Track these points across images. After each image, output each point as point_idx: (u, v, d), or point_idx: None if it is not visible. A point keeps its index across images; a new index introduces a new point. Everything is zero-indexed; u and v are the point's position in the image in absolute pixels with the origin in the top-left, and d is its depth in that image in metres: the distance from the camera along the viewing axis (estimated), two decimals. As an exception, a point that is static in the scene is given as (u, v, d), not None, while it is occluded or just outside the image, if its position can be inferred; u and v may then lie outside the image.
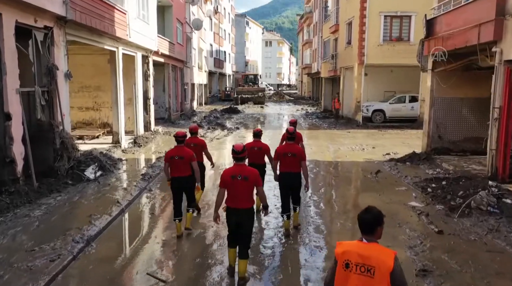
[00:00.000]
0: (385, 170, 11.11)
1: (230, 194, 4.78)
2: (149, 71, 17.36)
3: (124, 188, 8.80)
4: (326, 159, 13.23)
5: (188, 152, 6.25)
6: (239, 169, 4.78)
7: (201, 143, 7.50)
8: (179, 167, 6.16)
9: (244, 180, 4.70)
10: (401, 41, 20.88)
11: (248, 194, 4.79)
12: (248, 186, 4.75)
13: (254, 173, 4.80)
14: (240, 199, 4.74)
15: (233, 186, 4.72)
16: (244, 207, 4.77)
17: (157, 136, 16.69)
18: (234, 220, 4.80)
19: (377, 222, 2.83)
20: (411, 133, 19.16)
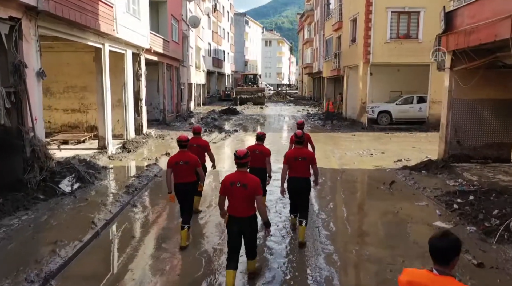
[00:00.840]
0: (399, 180, 9.95)
1: (230, 201, 4.64)
2: (141, 70, 16.20)
3: (103, 203, 7.63)
4: (332, 166, 12.07)
5: (193, 157, 6.11)
6: (240, 175, 4.59)
7: (204, 144, 7.37)
8: (184, 172, 5.99)
9: (243, 188, 4.49)
10: (409, 38, 19.72)
11: (248, 202, 4.55)
12: (247, 194, 4.51)
13: (254, 181, 4.55)
14: (240, 207, 4.56)
15: (232, 193, 4.55)
16: (244, 215, 4.57)
17: (149, 140, 15.53)
18: (235, 228, 4.61)
19: (454, 251, 2.41)
20: (420, 136, 18.01)
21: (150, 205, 8.19)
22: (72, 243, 5.78)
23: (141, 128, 16.35)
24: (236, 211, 4.59)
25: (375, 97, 21.82)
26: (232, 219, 4.62)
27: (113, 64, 13.71)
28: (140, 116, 16.37)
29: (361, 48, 20.25)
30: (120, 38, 12.81)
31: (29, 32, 7.93)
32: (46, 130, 14.83)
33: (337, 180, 10.36)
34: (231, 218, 4.64)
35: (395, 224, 6.99)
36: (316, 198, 8.55)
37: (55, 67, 14.38)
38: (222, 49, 50.07)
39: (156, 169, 10.88)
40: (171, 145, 14.80)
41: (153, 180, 9.98)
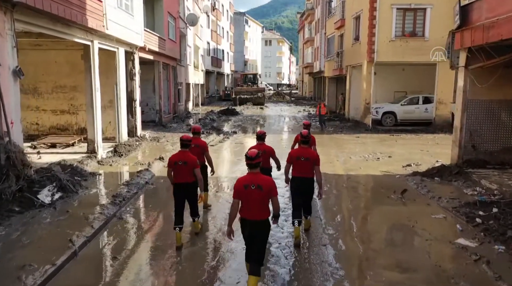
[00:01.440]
0: (411, 188, 9.17)
1: (244, 204, 4.47)
2: (135, 70, 15.42)
3: (85, 216, 6.84)
4: (337, 171, 11.29)
5: (192, 157, 6.04)
6: (253, 177, 4.43)
7: (203, 145, 7.24)
8: (183, 172, 5.95)
9: (258, 189, 4.36)
10: (415, 36, 18.93)
11: (263, 204, 4.45)
12: (262, 196, 4.40)
13: (269, 181, 4.46)
14: (254, 209, 4.42)
15: (247, 195, 4.41)
16: (258, 218, 4.45)
17: (143, 143, 14.74)
18: (248, 232, 4.51)
19: None
20: (427, 138, 17.23)
21: (138, 218, 7.41)
22: (43, 268, 4.99)
23: (135, 131, 15.57)
24: (249, 214, 4.45)
25: (379, 97, 21.06)
26: (245, 222, 4.49)
27: (104, 63, 12.93)
28: (134, 117, 15.59)
29: (365, 47, 19.46)
30: (111, 35, 12.03)
31: (3, 26, 7.14)
32: (33, 133, 14.20)
33: (343, 187, 9.58)
34: (243, 221, 4.51)
35: (411, 241, 6.21)
36: (322, 209, 7.77)
37: (42, 66, 13.63)
38: (222, 49, 49.27)
39: (148, 175, 10.10)
40: (166, 148, 14.03)
41: (144, 188, 9.21)
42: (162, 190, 9.24)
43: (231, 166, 11.96)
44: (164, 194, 8.91)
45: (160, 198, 8.61)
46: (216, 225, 7.00)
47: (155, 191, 9.19)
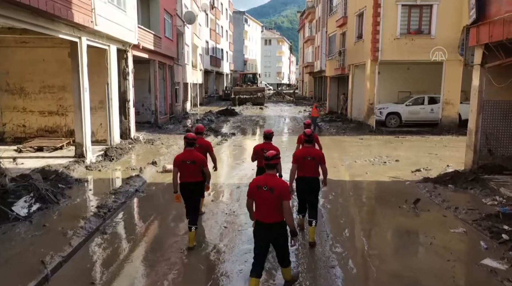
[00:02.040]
0: (423, 196, 8.43)
1: (257, 206, 4.40)
2: (128, 69, 14.68)
3: (63, 232, 6.11)
4: (342, 177, 10.56)
5: (199, 156, 6.00)
6: (267, 178, 4.35)
7: (207, 144, 7.19)
8: (191, 172, 5.85)
9: (269, 192, 4.25)
10: (421, 34, 18.21)
11: (274, 207, 4.27)
12: (273, 199, 4.25)
13: (281, 185, 4.31)
14: (266, 211, 4.30)
15: (258, 197, 4.33)
16: (270, 221, 4.30)
17: (136, 146, 13.99)
18: (261, 234, 4.36)
19: None
20: (434, 141, 16.50)
21: (124, 233, 6.66)
22: (5, 299, 4.27)
23: (128, 133, 14.83)
24: (262, 216, 4.33)
25: (382, 97, 20.32)
26: (259, 225, 4.36)
27: (94, 61, 12.20)
28: (127, 119, 14.85)
29: (369, 45, 18.73)
30: (101, 31, 11.28)
31: (-27, 19, 6.41)
32: (20, 135, 13.44)
33: (349, 195, 8.83)
34: (257, 223, 4.39)
35: (432, 262, 5.48)
36: (328, 222, 7.03)
37: (29, 65, 12.90)
38: (221, 48, 48.53)
39: (139, 182, 9.36)
40: (160, 151, 13.29)
41: (133, 196, 8.46)
42: (153, 199, 8.51)
43: (229, 171, 11.23)
44: (155, 203, 8.18)
45: (150, 208, 7.88)
46: (211, 240, 6.26)
47: (145, 200, 8.45)
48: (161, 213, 7.55)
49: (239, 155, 13.85)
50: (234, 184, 9.69)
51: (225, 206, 7.91)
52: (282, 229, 4.34)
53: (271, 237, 4.34)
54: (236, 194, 8.85)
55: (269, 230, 4.30)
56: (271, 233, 4.31)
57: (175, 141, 15.45)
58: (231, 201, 8.29)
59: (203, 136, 7.38)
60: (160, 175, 10.46)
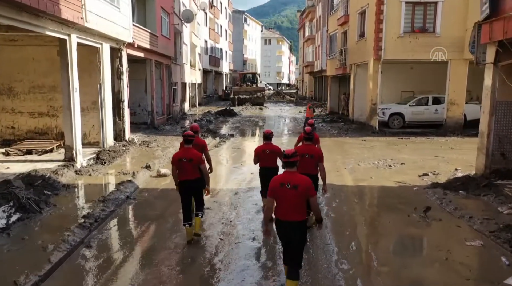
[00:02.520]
0: (433, 203, 7.89)
1: (279, 204, 4.27)
2: (122, 68, 14.14)
3: (43, 246, 5.57)
4: (345, 181, 10.03)
5: (196, 154, 6.00)
6: (290, 176, 4.24)
7: (202, 143, 7.15)
8: (188, 169, 5.88)
9: (294, 189, 4.15)
10: (425, 32, 17.66)
11: (298, 205, 4.21)
12: (298, 196, 4.17)
13: (305, 181, 4.21)
14: (289, 210, 4.19)
15: (282, 195, 4.21)
16: (294, 219, 4.21)
17: (130, 148, 13.44)
18: (283, 234, 4.32)
19: None
20: (439, 142, 15.96)
21: (111, 246, 6.12)
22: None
23: (122, 134, 14.29)
24: (285, 215, 4.24)
25: (385, 97, 19.80)
26: (281, 224, 4.29)
27: (85, 60, 11.72)
28: (122, 120, 14.31)
29: (371, 44, 18.19)
30: (92, 28, 10.74)
31: None
32: (9, 137, 12.91)
33: (354, 203, 8.30)
34: (279, 222, 4.32)
35: (449, 281, 4.93)
36: (332, 234, 6.49)
37: (18, 64, 12.38)
38: (220, 47, 48.00)
39: (131, 187, 8.83)
40: (156, 154, 12.75)
41: (124, 204, 7.92)
42: (146, 206, 7.96)
43: (227, 175, 10.69)
44: (147, 211, 7.63)
45: (142, 217, 7.35)
46: (205, 254, 5.72)
47: (137, 208, 7.92)
48: (153, 222, 7.02)
49: (237, 157, 13.32)
50: (232, 189, 9.16)
51: (221, 215, 7.37)
52: (304, 229, 4.36)
53: (294, 235, 4.29)
54: (234, 201, 8.31)
55: (292, 228, 4.25)
56: (295, 232, 4.26)
57: (171, 143, 14.91)
58: (229, 209, 7.75)
59: (199, 135, 7.35)
60: (154, 179, 9.92)
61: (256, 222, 7.02)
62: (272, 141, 6.97)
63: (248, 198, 8.44)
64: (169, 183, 9.59)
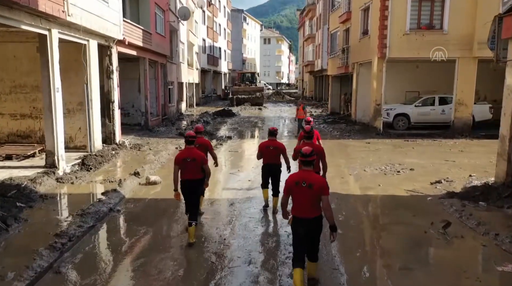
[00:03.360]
0: (451, 217, 7.06)
1: (295, 202, 4.42)
2: (112, 66, 13.29)
3: (2, 274, 4.73)
4: (352, 190, 9.19)
5: (200, 154, 6.12)
6: (305, 174, 4.38)
7: (206, 143, 7.34)
8: (191, 169, 5.97)
9: (309, 188, 4.28)
10: (432, 29, 16.83)
11: (313, 203, 4.34)
12: (312, 195, 4.30)
13: (320, 180, 4.39)
14: (305, 208, 4.35)
15: (297, 193, 4.36)
16: (310, 216, 4.36)
17: (120, 152, 12.61)
18: (300, 230, 4.40)
19: None
20: (448, 145, 15.13)
21: (85, 272, 5.24)
22: None
23: (112, 137, 13.46)
24: (301, 212, 4.38)
25: (389, 98, 18.96)
26: (297, 221, 4.41)
27: (71, 58, 10.92)
28: (112, 122, 13.47)
29: (375, 41, 17.35)
30: (76, 23, 9.90)
31: None
32: (-11, 141, 12.07)
33: (363, 216, 7.47)
34: (295, 220, 4.43)
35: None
36: (340, 256, 5.65)
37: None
38: (218, 46, 47.15)
39: (116, 198, 7.98)
40: (147, 159, 11.91)
41: (106, 218, 7.07)
42: (131, 220, 7.11)
43: (223, 183, 9.85)
44: (132, 226, 6.78)
45: (125, 233, 6.53)
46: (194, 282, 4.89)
47: (120, 222, 7.08)
48: (137, 241, 6.17)
49: (235, 162, 12.49)
50: (228, 199, 8.31)
51: (214, 231, 6.53)
52: (320, 223, 4.44)
53: (311, 231, 4.41)
54: (229, 213, 7.47)
55: (309, 225, 4.37)
56: (311, 228, 4.39)
57: (164, 147, 14.07)
58: (223, 224, 6.91)
59: (202, 135, 7.51)
60: (142, 188, 9.07)
61: (253, 240, 6.19)
62: (276, 138, 7.18)
63: (245, 210, 7.60)
64: (159, 192, 8.78)
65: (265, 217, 7.21)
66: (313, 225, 4.39)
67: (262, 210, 7.56)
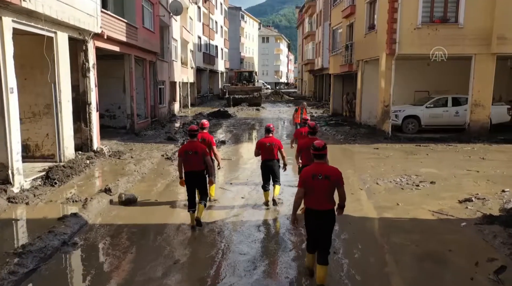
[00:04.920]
0: (498, 252, 5.52)
1: (310, 195, 4.51)
2: (89, 63, 11.71)
3: None
4: (365, 211, 7.64)
5: (201, 146, 6.40)
6: (320, 167, 4.51)
7: (209, 139, 7.43)
8: (193, 161, 6.25)
9: (326, 179, 4.43)
10: (446, 22, 15.28)
11: (329, 194, 4.51)
12: (329, 186, 4.47)
13: (336, 172, 4.53)
14: (321, 200, 4.47)
15: (313, 186, 4.45)
16: (325, 208, 4.49)
17: (97, 161, 11.03)
18: (314, 223, 4.54)
19: None
20: (465, 151, 13.60)
21: None
22: None
23: (89, 144, 11.89)
24: (317, 204, 4.47)
25: (396, 98, 17.35)
26: (311, 212, 4.51)
27: (35, 54, 9.37)
28: (89, 126, 11.89)
29: (383, 37, 15.79)
30: (37, 11, 8.31)
31: None
32: None
33: (383, 250, 5.89)
34: (309, 211, 4.53)
35: None
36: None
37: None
38: (215, 45, 45.54)
39: (75, 225, 6.40)
40: (126, 170, 10.33)
41: (56, 255, 5.48)
42: (90, 260, 5.51)
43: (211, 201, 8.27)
44: (90, 269, 5.20)
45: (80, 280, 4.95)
46: None
47: (74, 263, 5.50)
48: None
49: (228, 173, 10.89)
50: (215, 225, 6.74)
51: (197, 275, 4.96)
52: (333, 216, 4.55)
53: (325, 223, 4.50)
54: (216, 244, 5.91)
55: (324, 216, 4.47)
56: (326, 220, 4.49)
57: (149, 154, 12.48)
58: (205, 264, 5.33)
59: (207, 131, 7.66)
60: (113, 209, 7.50)
61: (244, 291, 4.63)
62: (273, 134, 7.48)
63: (235, 243, 6.02)
64: (135, 214, 7.23)
65: (262, 255, 5.64)
66: (328, 216, 4.49)
67: (257, 241, 6.03)
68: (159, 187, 9.15)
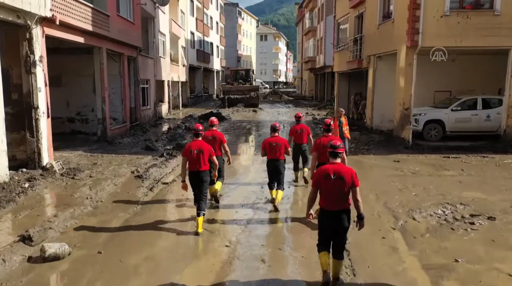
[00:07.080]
0: None
1: (324, 195, 4.42)
2: (34, 56, 9.10)
3: None
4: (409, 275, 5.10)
5: (206, 145, 6.32)
6: (334, 167, 4.37)
7: (220, 136, 7.38)
8: (198, 161, 6.16)
9: (339, 180, 4.30)
10: (480, 9, 12.73)
11: (343, 195, 4.37)
12: (343, 187, 4.32)
13: (350, 172, 4.37)
14: (335, 200, 4.35)
15: (327, 186, 4.35)
16: (340, 208, 4.36)
17: (41, 183, 8.42)
18: (328, 223, 4.42)
19: None
20: (508, 164, 11.05)
21: None
22: None
23: (37, 158, 9.29)
24: (331, 205, 4.37)
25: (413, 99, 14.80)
26: (325, 213, 4.41)
27: None
28: (36, 136, 9.28)
29: (403, 26, 13.22)
30: None
31: None
32: None
33: None
34: (323, 211, 4.43)
35: None
36: None
37: None
38: (210, 41, 42.88)
39: None
40: (76, 196, 7.75)
41: None
42: None
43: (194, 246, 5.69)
44: None
45: None
46: None
47: None
48: None
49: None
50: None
51: None
52: (348, 216, 4.38)
53: (339, 224, 4.35)
54: None
55: (338, 217, 4.34)
56: (340, 220, 4.34)
57: (116, 170, 9.90)
58: None
59: (216, 128, 7.47)
60: (28, 269, 4.90)
61: None
62: (279, 133, 7.41)
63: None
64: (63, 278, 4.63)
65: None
66: (342, 217, 4.34)
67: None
68: (114, 223, 6.57)
